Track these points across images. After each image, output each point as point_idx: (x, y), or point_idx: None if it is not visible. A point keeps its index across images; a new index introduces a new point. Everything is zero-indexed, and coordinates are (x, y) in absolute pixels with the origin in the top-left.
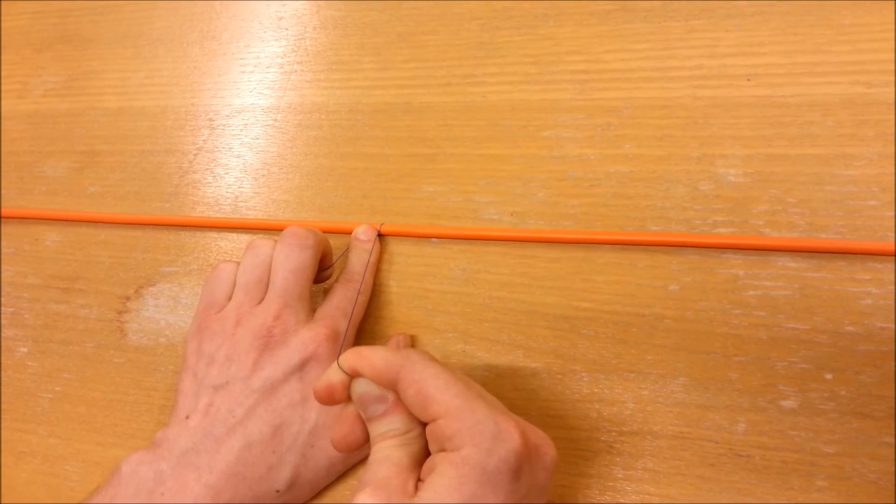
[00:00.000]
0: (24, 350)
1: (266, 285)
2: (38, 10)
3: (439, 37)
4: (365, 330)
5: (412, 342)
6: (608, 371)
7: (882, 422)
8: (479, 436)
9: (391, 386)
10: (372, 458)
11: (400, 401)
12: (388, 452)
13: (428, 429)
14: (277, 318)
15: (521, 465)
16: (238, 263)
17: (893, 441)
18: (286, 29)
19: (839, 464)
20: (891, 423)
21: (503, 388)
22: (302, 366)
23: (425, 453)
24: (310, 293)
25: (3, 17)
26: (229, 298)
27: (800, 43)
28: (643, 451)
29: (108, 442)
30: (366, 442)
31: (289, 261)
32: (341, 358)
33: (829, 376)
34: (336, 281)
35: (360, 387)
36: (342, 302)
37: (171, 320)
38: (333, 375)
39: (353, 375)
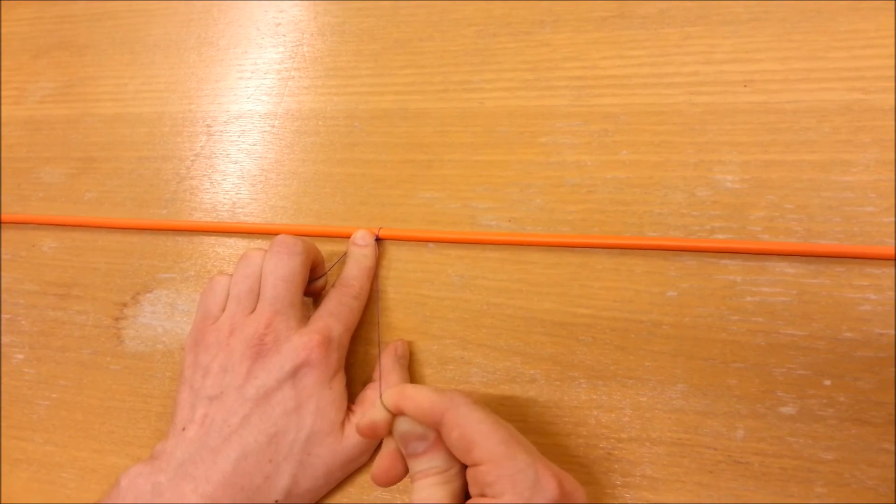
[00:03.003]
0: (21, 357)
1: (258, 294)
2: (35, 16)
3: (436, 43)
4: (361, 336)
5: (409, 349)
6: (606, 377)
7: (881, 428)
8: (520, 484)
9: (434, 426)
10: (415, 496)
11: (440, 439)
12: (431, 491)
13: (469, 472)
14: (269, 325)
15: None
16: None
17: (892, 447)
18: (284, 35)
19: (838, 470)
20: (889, 429)
21: (501, 394)
22: (294, 373)
23: (464, 490)
24: (301, 299)
25: (0, 23)
26: (223, 310)
27: (796, 49)
28: (642, 458)
29: (105, 449)
30: (405, 476)
31: (277, 268)
32: (385, 396)
33: (827, 382)
34: (332, 286)
35: (403, 426)
36: (336, 307)
37: (167, 327)
38: (377, 414)
39: (395, 413)
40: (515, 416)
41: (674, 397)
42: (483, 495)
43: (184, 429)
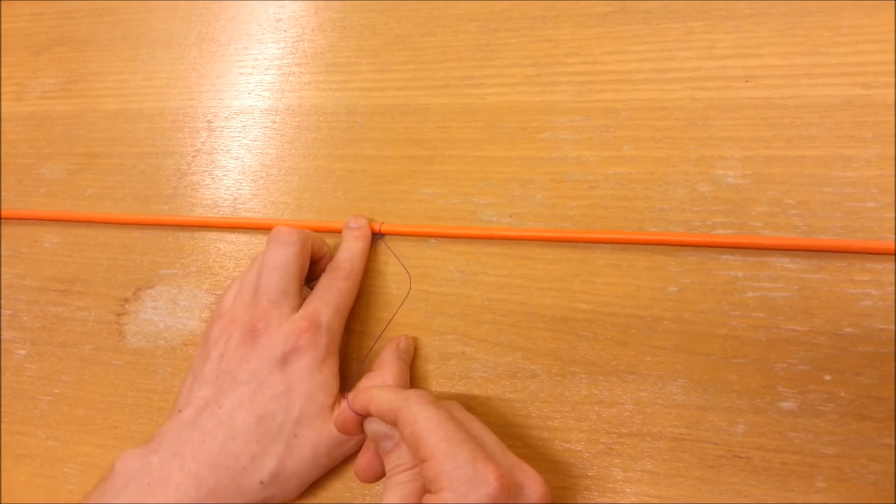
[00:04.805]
0: (23, 352)
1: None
2: (36, 12)
3: (437, 38)
4: (364, 332)
5: (414, 345)
6: (607, 372)
7: (881, 423)
8: (456, 480)
9: (394, 425)
10: (385, 492)
11: None
12: (399, 488)
13: (421, 469)
14: (262, 314)
15: None
16: None
17: (893, 442)
18: (284, 31)
19: (838, 465)
20: (890, 424)
21: (502, 389)
22: (284, 359)
23: None
24: (297, 288)
25: (1, 19)
26: None
27: (798, 44)
28: (642, 453)
29: (107, 444)
30: (384, 473)
31: (270, 258)
32: (351, 398)
33: (828, 378)
34: (324, 271)
35: (371, 425)
36: (325, 291)
37: (169, 322)
38: (346, 412)
39: (363, 415)
40: (517, 411)
41: (674, 392)
42: (429, 491)
43: (180, 411)
